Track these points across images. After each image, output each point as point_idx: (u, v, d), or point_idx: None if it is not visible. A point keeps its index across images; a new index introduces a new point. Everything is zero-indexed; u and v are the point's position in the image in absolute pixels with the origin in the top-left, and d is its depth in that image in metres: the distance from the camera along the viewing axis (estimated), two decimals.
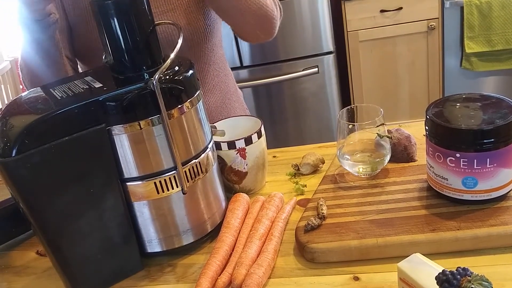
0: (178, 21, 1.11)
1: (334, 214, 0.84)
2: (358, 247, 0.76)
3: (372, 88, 2.69)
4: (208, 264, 0.79)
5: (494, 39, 2.42)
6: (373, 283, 0.72)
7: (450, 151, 0.76)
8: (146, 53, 0.79)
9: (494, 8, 2.35)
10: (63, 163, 0.72)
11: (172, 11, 1.11)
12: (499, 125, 0.73)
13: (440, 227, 0.76)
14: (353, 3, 2.49)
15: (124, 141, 0.76)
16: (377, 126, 0.91)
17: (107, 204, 0.78)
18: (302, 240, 0.79)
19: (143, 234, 0.83)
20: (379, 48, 2.58)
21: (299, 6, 2.44)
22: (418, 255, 0.65)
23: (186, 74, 0.80)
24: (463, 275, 0.57)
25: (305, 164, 1.03)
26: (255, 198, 0.94)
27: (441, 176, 0.79)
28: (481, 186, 0.76)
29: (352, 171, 0.94)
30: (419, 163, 0.94)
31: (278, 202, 0.91)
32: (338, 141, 0.94)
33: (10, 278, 0.90)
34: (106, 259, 0.81)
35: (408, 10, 2.47)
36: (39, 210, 0.73)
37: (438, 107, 0.81)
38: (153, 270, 0.85)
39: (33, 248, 0.96)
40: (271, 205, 0.90)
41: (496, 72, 2.54)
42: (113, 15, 0.75)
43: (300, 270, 0.78)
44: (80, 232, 0.77)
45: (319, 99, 2.63)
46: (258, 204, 0.92)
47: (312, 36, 2.51)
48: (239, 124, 1.04)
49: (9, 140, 0.69)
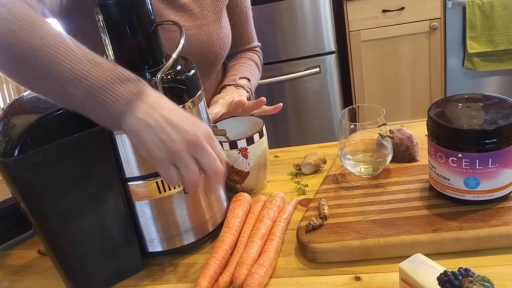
0: (216, 37, 1.14)
1: (335, 214, 0.84)
2: (359, 247, 0.76)
3: (374, 88, 2.69)
4: (207, 264, 0.79)
5: (496, 39, 2.41)
6: (375, 283, 0.72)
7: (452, 151, 0.76)
8: (148, 53, 0.79)
9: (497, 8, 2.34)
10: (65, 163, 0.72)
11: (207, 25, 1.12)
12: (501, 125, 0.73)
13: (441, 227, 0.75)
14: (355, 3, 2.49)
15: (126, 141, 0.76)
16: (379, 126, 0.90)
17: (108, 204, 0.78)
18: (304, 240, 0.79)
19: (145, 233, 0.83)
20: (381, 48, 2.58)
21: (301, 6, 2.44)
22: (420, 255, 0.65)
23: (188, 74, 0.80)
24: (465, 275, 0.57)
25: (306, 164, 1.03)
26: (257, 198, 0.94)
27: (443, 176, 0.79)
28: (483, 186, 0.76)
29: (354, 171, 0.94)
30: (421, 163, 0.94)
31: (279, 202, 0.91)
32: (340, 141, 0.94)
33: (12, 277, 0.90)
34: (107, 259, 0.81)
35: (410, 10, 2.46)
36: (40, 209, 0.73)
37: (440, 107, 0.81)
38: (155, 270, 0.85)
39: (34, 248, 0.96)
40: (273, 205, 0.89)
41: (498, 72, 2.53)
42: (116, 15, 0.75)
43: (302, 270, 0.78)
44: (81, 231, 0.77)
45: (321, 99, 2.63)
46: (259, 204, 0.92)
47: (314, 36, 2.50)
48: (240, 124, 1.04)
49: (11, 139, 0.69)
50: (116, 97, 0.65)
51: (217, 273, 0.78)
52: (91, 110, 0.66)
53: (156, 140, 0.66)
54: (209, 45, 1.13)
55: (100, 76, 0.65)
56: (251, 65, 1.29)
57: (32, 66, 0.66)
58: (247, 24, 1.27)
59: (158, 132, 0.66)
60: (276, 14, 2.46)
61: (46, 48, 0.65)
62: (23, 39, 0.66)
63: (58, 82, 0.65)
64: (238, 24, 1.23)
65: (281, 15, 2.46)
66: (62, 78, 0.65)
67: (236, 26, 1.23)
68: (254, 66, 1.30)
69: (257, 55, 1.34)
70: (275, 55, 2.55)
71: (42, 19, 0.69)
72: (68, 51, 0.66)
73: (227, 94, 1.11)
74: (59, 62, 0.65)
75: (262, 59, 1.36)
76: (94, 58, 0.67)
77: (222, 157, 0.71)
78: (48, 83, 0.66)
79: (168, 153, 0.66)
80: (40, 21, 0.68)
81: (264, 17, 2.47)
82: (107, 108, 0.65)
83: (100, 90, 0.65)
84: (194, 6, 1.09)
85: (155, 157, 0.67)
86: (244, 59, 1.29)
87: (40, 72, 0.66)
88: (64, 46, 0.66)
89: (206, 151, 0.68)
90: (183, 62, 0.82)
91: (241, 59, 1.29)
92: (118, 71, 0.67)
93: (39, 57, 0.65)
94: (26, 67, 0.67)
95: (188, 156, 0.67)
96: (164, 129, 0.66)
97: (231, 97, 1.09)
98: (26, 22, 0.67)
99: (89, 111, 0.66)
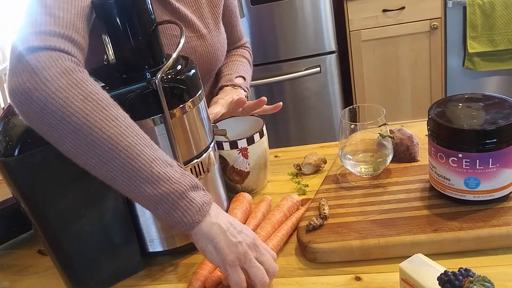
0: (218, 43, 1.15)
1: (336, 214, 0.84)
2: (360, 247, 0.76)
3: (374, 88, 2.69)
4: (201, 264, 0.79)
5: (496, 39, 2.41)
6: (375, 283, 0.72)
7: (453, 151, 0.76)
8: (148, 52, 0.79)
9: (497, 8, 2.34)
10: (65, 163, 0.72)
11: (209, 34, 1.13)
12: (501, 125, 0.73)
13: (442, 227, 0.75)
14: (355, 3, 2.48)
15: None
16: (379, 126, 0.90)
17: (108, 203, 0.78)
18: (304, 240, 0.79)
19: (145, 233, 0.83)
20: (381, 48, 2.58)
21: (301, 5, 2.44)
22: (420, 256, 0.65)
23: (188, 74, 0.80)
24: (465, 275, 0.57)
25: (307, 164, 1.03)
26: (263, 197, 0.93)
27: (443, 176, 0.79)
28: (484, 186, 0.76)
29: (354, 171, 0.94)
30: (421, 163, 0.94)
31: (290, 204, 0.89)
32: (340, 141, 0.94)
33: (12, 277, 0.90)
34: (107, 259, 0.81)
35: (411, 9, 2.46)
36: (40, 209, 0.73)
37: (441, 107, 0.81)
38: (155, 270, 0.85)
39: (35, 247, 0.96)
40: (282, 208, 0.88)
41: (499, 72, 2.53)
42: (116, 15, 0.75)
43: (302, 270, 0.78)
44: (81, 231, 0.77)
45: (321, 99, 2.63)
46: (263, 204, 0.91)
47: (314, 36, 2.50)
48: (241, 124, 1.04)
49: (11, 139, 0.69)
50: (193, 205, 0.68)
51: (211, 273, 0.78)
52: (163, 211, 0.68)
53: (228, 243, 0.69)
54: (213, 53, 1.14)
55: (177, 181, 0.68)
56: (244, 62, 1.30)
57: (103, 156, 0.65)
58: (236, 22, 1.28)
59: (230, 236, 0.70)
60: (276, 14, 2.46)
61: (121, 138, 0.65)
62: (95, 124, 0.64)
63: (132, 177, 0.66)
64: (228, 24, 1.25)
65: (281, 15, 2.46)
66: (138, 175, 0.66)
67: (227, 26, 1.24)
68: (246, 63, 1.31)
69: (247, 51, 1.35)
70: (275, 55, 2.55)
71: (105, 95, 0.68)
72: (145, 146, 0.67)
73: (226, 95, 1.11)
74: (136, 157, 0.66)
75: (251, 53, 1.37)
76: (167, 159, 0.69)
77: (272, 255, 0.75)
78: (120, 176, 0.66)
79: (237, 255, 0.69)
80: (105, 99, 0.67)
81: (264, 17, 2.47)
82: (184, 215, 0.68)
83: (179, 196, 0.67)
84: (194, 17, 1.10)
85: (227, 259, 0.69)
86: (236, 57, 1.30)
87: (113, 162, 0.65)
88: (140, 138, 0.67)
89: (262, 250, 0.72)
90: (183, 62, 0.82)
91: (232, 56, 1.30)
92: (189, 177, 0.70)
93: (113, 148, 0.65)
94: (96, 155, 0.65)
95: (253, 256, 0.71)
96: (233, 233, 0.70)
97: (231, 97, 1.09)
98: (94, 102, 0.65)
99: (160, 211, 0.68)
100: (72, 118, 0.64)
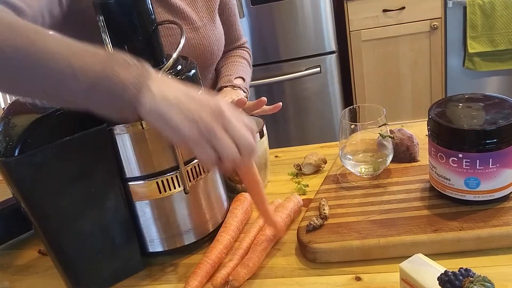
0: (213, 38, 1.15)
1: (336, 214, 0.84)
2: (360, 247, 0.76)
3: (374, 88, 2.69)
4: (199, 263, 0.79)
5: (497, 39, 2.41)
6: (375, 283, 0.72)
7: (453, 151, 0.76)
8: (148, 53, 0.79)
9: (497, 8, 2.34)
10: (65, 162, 0.72)
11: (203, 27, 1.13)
12: (501, 126, 0.73)
13: (442, 227, 0.75)
14: (355, 3, 2.49)
15: (126, 140, 0.76)
16: (379, 126, 0.90)
17: (108, 203, 0.78)
18: (304, 240, 0.79)
19: (145, 233, 0.83)
20: (381, 48, 2.58)
21: (301, 5, 2.44)
22: (420, 256, 0.65)
23: (188, 74, 0.80)
24: (465, 275, 0.57)
25: (307, 164, 1.03)
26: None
27: (443, 177, 0.79)
28: (484, 186, 0.76)
29: (354, 171, 0.94)
30: (421, 163, 0.94)
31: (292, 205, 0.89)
32: (340, 141, 0.94)
33: (12, 277, 0.90)
34: (107, 259, 0.81)
35: (411, 9, 2.46)
36: (40, 209, 0.73)
37: (441, 107, 0.81)
38: (155, 270, 0.85)
39: (35, 247, 0.96)
40: (285, 208, 0.88)
41: (499, 72, 2.53)
42: (116, 15, 0.75)
43: (302, 270, 0.78)
44: (82, 231, 0.77)
45: (321, 99, 2.63)
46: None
47: (314, 36, 2.50)
48: None
49: (11, 139, 0.69)
50: (124, 82, 0.58)
51: (209, 273, 0.78)
52: (98, 103, 0.60)
53: (183, 117, 0.59)
54: (207, 46, 1.14)
55: (99, 65, 0.59)
56: (243, 63, 1.30)
57: (19, 66, 0.58)
58: (235, 21, 1.29)
59: (182, 108, 0.59)
60: (276, 14, 2.46)
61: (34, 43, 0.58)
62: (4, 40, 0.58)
63: (53, 79, 0.58)
64: (227, 22, 1.25)
65: (281, 15, 2.46)
66: (58, 73, 0.58)
67: (226, 25, 1.24)
68: (246, 64, 1.31)
69: (246, 51, 1.36)
70: (275, 55, 2.55)
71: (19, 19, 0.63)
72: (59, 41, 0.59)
73: (225, 96, 1.12)
74: (51, 57, 0.58)
75: (251, 54, 1.37)
76: (89, 48, 0.61)
77: (249, 126, 0.64)
78: (41, 82, 0.59)
79: (199, 129, 0.59)
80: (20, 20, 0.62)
81: (264, 17, 2.47)
82: (117, 95, 0.58)
83: (105, 79, 0.58)
84: (189, 9, 1.11)
85: (187, 136, 0.59)
86: (235, 57, 1.30)
87: (30, 71, 0.58)
88: (51, 37, 0.59)
89: (230, 118, 0.61)
90: (183, 62, 0.82)
91: (232, 57, 1.31)
92: (115, 56, 0.61)
93: (27, 55, 0.58)
94: (11, 68, 0.58)
95: (220, 129, 0.60)
96: (186, 104, 0.59)
97: (230, 98, 1.09)
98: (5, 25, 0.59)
99: (95, 105, 0.60)
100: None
